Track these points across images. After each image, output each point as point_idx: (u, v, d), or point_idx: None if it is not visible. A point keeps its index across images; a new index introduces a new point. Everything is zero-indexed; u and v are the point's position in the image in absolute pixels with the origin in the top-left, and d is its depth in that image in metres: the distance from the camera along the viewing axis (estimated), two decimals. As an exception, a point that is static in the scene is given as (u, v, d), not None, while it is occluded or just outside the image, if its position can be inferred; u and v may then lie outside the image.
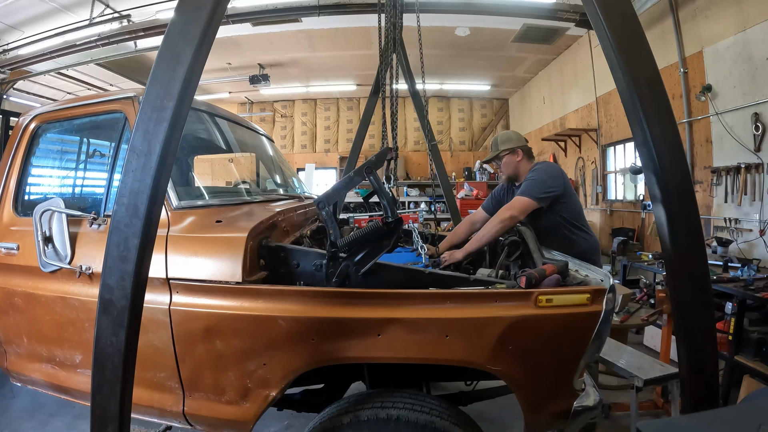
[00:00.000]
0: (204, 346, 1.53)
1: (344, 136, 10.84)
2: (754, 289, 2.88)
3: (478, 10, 5.49)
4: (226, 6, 1.27)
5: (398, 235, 1.62)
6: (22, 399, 2.94)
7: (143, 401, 1.66)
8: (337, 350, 1.46)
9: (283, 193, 2.81)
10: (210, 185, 2.02)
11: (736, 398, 2.77)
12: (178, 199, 1.75)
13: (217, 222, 1.70)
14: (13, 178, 2.10)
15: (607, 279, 1.51)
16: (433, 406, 1.47)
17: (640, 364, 2.41)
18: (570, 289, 1.48)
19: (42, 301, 1.83)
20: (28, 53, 6.11)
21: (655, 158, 1.26)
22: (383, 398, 1.50)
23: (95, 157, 2.25)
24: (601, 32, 1.31)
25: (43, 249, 1.76)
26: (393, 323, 1.42)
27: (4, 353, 2.06)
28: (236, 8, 5.41)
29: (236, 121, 2.67)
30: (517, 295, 1.43)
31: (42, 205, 1.76)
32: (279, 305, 1.46)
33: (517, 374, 1.45)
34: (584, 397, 1.52)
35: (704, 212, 4.51)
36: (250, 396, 1.54)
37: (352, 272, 1.55)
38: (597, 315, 1.39)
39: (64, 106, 2.13)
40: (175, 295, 1.56)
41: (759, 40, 3.88)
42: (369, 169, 1.61)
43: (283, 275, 1.64)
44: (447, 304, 1.43)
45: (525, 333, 1.41)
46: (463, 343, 1.42)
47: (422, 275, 1.64)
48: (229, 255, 1.52)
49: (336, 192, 1.64)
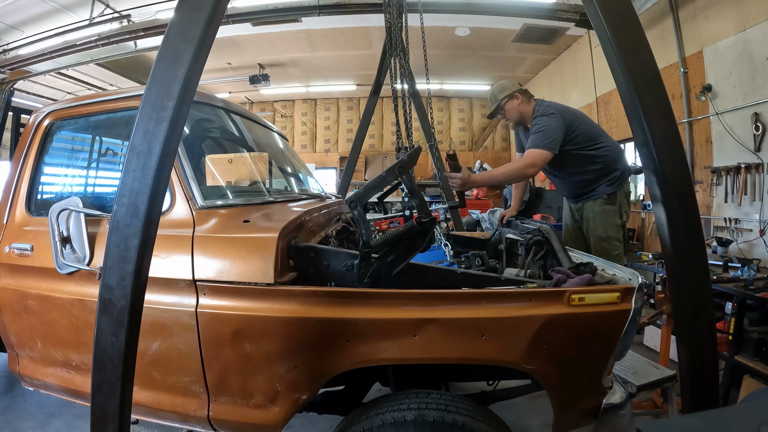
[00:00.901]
0: (232, 349, 1.49)
1: (344, 136, 10.84)
2: (754, 289, 2.87)
3: (478, 10, 5.49)
4: (226, 6, 1.27)
5: (431, 235, 1.60)
6: (22, 399, 2.94)
7: (165, 406, 1.63)
8: (372, 352, 1.44)
9: (303, 192, 2.77)
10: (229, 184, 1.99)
11: (736, 398, 2.77)
12: (203, 199, 1.71)
13: (245, 222, 1.66)
14: (25, 176, 2.04)
15: (635, 277, 1.51)
16: (490, 417, 1.47)
17: (635, 368, 2.38)
18: (601, 287, 1.47)
19: (58, 304, 1.77)
20: (28, 53, 6.11)
21: (655, 158, 1.26)
22: (446, 401, 1.45)
23: (107, 155, 2.19)
24: (601, 32, 1.31)
25: (61, 250, 1.70)
26: (429, 324, 1.40)
27: (16, 357, 2.02)
28: (236, 8, 5.41)
29: (252, 118, 2.62)
30: (550, 294, 1.43)
31: (59, 205, 1.70)
32: (313, 307, 1.44)
33: (551, 372, 1.44)
34: (611, 394, 1.53)
35: (704, 212, 4.50)
36: (279, 399, 1.51)
37: (384, 272, 1.52)
38: (627, 313, 1.40)
39: (78, 103, 2.07)
40: (202, 298, 1.52)
41: (759, 40, 3.88)
42: (402, 169, 1.57)
43: (312, 276, 1.61)
44: (483, 303, 1.42)
45: (558, 332, 1.40)
46: (499, 343, 1.41)
47: (453, 275, 1.62)
48: (261, 256, 1.48)
49: (368, 191, 1.61)
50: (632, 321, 1.41)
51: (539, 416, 2.65)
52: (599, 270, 1.72)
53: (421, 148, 1.82)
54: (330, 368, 1.47)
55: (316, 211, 2.08)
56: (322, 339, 1.44)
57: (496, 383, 2.06)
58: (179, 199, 1.69)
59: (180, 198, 1.69)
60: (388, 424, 1.40)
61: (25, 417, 2.75)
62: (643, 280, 1.49)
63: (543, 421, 2.59)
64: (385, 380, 1.92)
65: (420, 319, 1.41)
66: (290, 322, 1.44)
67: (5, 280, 1.94)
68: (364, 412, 1.49)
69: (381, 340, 1.43)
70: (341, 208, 2.67)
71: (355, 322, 1.42)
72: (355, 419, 1.50)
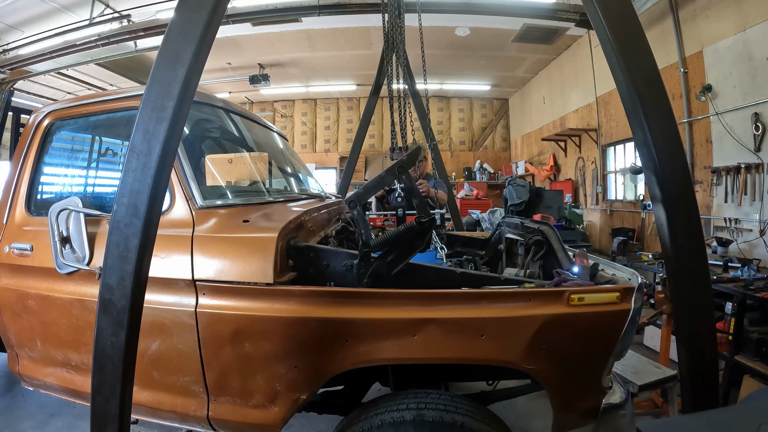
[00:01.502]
0: (232, 349, 1.49)
1: (344, 136, 10.85)
2: (754, 289, 2.87)
3: (478, 10, 5.49)
4: (226, 6, 1.27)
5: (431, 235, 1.60)
6: (22, 399, 2.94)
7: (165, 406, 1.63)
8: (372, 352, 1.44)
9: (303, 192, 2.76)
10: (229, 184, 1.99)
11: (736, 398, 2.77)
12: (203, 198, 1.71)
13: (244, 222, 1.66)
14: (25, 176, 2.04)
15: (635, 277, 1.52)
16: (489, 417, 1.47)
17: (636, 368, 2.38)
18: (601, 287, 1.47)
19: (58, 304, 1.77)
20: (28, 53, 6.11)
21: (655, 158, 1.26)
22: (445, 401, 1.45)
23: (107, 155, 2.19)
24: (601, 32, 1.31)
25: (60, 250, 1.71)
26: (429, 323, 1.40)
27: (15, 357, 2.02)
28: (236, 8, 5.42)
29: (252, 118, 2.62)
30: (550, 294, 1.43)
31: (58, 204, 1.70)
32: (313, 307, 1.44)
33: (550, 372, 1.44)
34: (611, 394, 1.53)
35: (704, 212, 4.51)
36: (278, 399, 1.51)
37: (383, 272, 1.52)
38: (626, 313, 1.40)
39: (78, 103, 2.07)
40: (201, 297, 1.52)
41: (759, 40, 3.88)
42: (402, 169, 1.58)
43: (311, 276, 1.61)
44: (482, 303, 1.42)
45: (558, 331, 1.41)
46: (499, 343, 1.41)
47: (453, 275, 1.62)
48: (260, 255, 1.48)
49: (367, 191, 1.61)
50: (632, 321, 1.41)
51: (539, 417, 2.65)
52: (599, 270, 1.72)
53: (421, 148, 1.82)
54: (330, 368, 1.47)
55: (315, 211, 2.08)
56: (321, 339, 1.44)
57: (495, 383, 2.06)
58: (179, 199, 1.69)
59: (180, 198, 1.69)
60: (387, 424, 1.40)
61: (25, 417, 2.75)
62: (642, 280, 1.49)
63: (543, 422, 2.59)
64: (385, 380, 1.91)
65: (419, 318, 1.41)
66: (290, 322, 1.44)
67: (5, 280, 1.94)
68: (363, 413, 1.49)
69: (380, 340, 1.43)
70: (341, 208, 2.67)
71: (354, 322, 1.42)
72: (354, 419, 1.50)
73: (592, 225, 7.07)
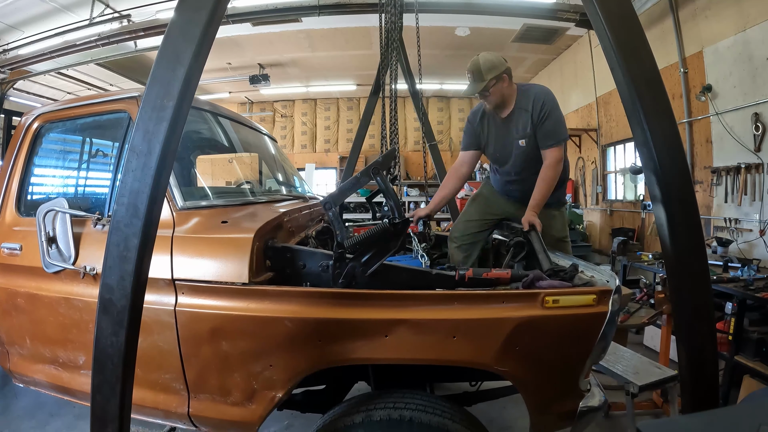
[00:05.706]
0: (210, 347, 1.52)
1: (344, 136, 10.83)
2: (754, 289, 2.87)
3: (478, 10, 5.49)
4: (226, 6, 1.27)
5: (405, 236, 1.61)
6: (22, 399, 2.94)
7: (148, 402, 1.65)
8: (344, 351, 1.45)
9: (287, 193, 2.80)
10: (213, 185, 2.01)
11: (736, 398, 2.77)
12: (183, 200, 1.74)
13: (223, 223, 1.69)
14: (15, 178, 2.09)
15: (613, 280, 1.51)
16: (444, 409, 1.47)
17: (636, 368, 2.38)
18: (576, 290, 1.47)
19: (45, 302, 1.81)
20: (28, 53, 6.11)
21: (655, 158, 1.26)
22: (395, 399, 1.48)
23: (98, 157, 2.24)
24: (601, 32, 1.31)
25: (47, 249, 1.75)
26: (401, 324, 1.41)
27: (6, 354, 2.06)
28: (236, 8, 5.41)
29: (239, 120, 2.66)
30: (524, 296, 1.43)
31: (45, 206, 1.74)
32: (286, 306, 1.46)
33: (524, 375, 1.45)
34: (590, 397, 1.53)
35: (704, 212, 4.51)
36: (256, 397, 1.53)
37: (358, 273, 1.54)
38: (603, 316, 1.40)
39: (67, 106, 2.12)
40: (180, 296, 1.55)
41: (759, 40, 3.88)
42: (376, 170, 1.60)
43: (289, 276, 1.63)
44: (454, 304, 1.42)
45: (532, 334, 1.41)
46: (471, 344, 1.41)
47: (428, 275, 1.63)
48: (236, 256, 1.51)
49: (342, 193, 1.63)
50: (609, 324, 1.40)
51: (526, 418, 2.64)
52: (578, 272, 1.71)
53: (396, 150, 1.84)
54: (303, 367, 1.48)
55: (297, 211, 2.11)
56: (294, 338, 1.45)
57: (479, 384, 2.06)
58: None
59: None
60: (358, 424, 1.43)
61: (25, 417, 2.75)
62: (619, 282, 1.49)
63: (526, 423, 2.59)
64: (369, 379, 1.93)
65: (392, 319, 1.41)
66: (264, 322, 1.46)
67: None
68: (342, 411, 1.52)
69: (352, 340, 1.44)
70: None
71: (326, 321, 1.44)
72: (329, 419, 1.53)
73: (592, 225, 7.07)
